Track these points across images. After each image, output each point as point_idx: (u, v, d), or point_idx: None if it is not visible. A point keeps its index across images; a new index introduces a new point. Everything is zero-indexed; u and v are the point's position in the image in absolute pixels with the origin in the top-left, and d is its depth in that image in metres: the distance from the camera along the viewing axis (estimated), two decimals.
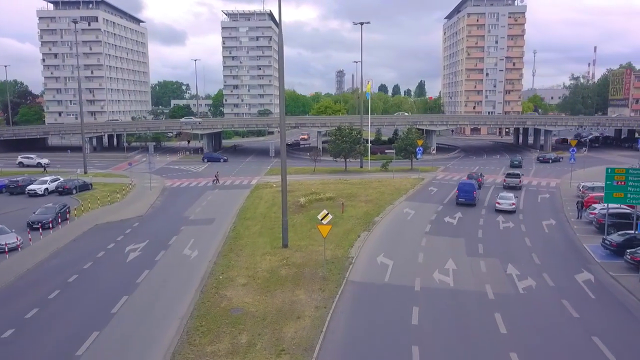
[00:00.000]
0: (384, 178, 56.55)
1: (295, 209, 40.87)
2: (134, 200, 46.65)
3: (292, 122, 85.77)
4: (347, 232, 33.23)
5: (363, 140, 62.53)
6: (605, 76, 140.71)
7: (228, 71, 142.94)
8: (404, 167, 64.45)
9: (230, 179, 58.39)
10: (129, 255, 29.46)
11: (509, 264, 27.40)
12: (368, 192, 47.75)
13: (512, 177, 51.74)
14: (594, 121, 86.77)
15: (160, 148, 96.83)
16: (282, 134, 30.20)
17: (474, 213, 40.23)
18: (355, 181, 54.58)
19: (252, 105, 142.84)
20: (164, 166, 71.19)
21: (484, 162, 73.82)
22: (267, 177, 60.23)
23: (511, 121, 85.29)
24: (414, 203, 43.60)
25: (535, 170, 64.69)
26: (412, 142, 60.98)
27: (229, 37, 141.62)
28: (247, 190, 51.05)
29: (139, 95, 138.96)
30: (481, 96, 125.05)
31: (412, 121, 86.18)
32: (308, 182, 54.57)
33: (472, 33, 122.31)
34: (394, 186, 51.09)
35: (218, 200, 46.74)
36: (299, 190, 49.00)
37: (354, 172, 62.26)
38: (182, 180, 58.94)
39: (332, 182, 54.39)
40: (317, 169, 63.45)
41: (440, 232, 34.18)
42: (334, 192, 46.97)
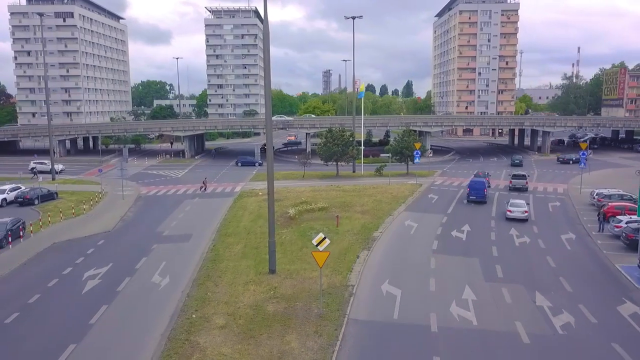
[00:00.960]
0: (379, 184, 52.31)
1: (284, 221, 36.38)
2: (102, 211, 41.72)
3: (280, 123, 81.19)
4: (344, 252, 28.83)
5: (355, 143, 58.27)
6: (598, 76, 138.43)
7: (212, 70, 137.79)
8: (400, 171, 60.29)
9: (212, 186, 53.62)
10: (86, 284, 24.70)
11: (536, 292, 23.25)
12: (363, 200, 43.44)
13: (519, 178, 49.76)
14: (594, 122, 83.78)
15: (139, 151, 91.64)
16: (268, 140, 25.66)
17: (483, 225, 36.14)
18: (349, 188, 50.24)
19: (237, 105, 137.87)
20: (142, 171, 66.15)
21: (482, 165, 69.99)
22: (252, 183, 55.60)
23: (508, 122, 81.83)
24: (416, 214, 39.38)
25: (539, 174, 60.99)
26: (408, 145, 56.86)
27: (212, 35, 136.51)
28: (230, 199, 46.38)
29: (118, 95, 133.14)
30: (473, 96, 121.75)
31: (405, 122, 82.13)
32: (297, 189, 50.10)
33: (464, 31, 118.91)
34: (391, 193, 46.86)
35: (197, 211, 42.03)
36: (288, 198, 44.53)
37: (346, 177, 57.94)
38: (159, 187, 54.03)
39: (324, 188, 49.98)
40: (307, 174, 59.01)
41: (450, 250, 29.98)
42: (326, 201, 42.59)
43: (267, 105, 25.32)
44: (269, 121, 25.67)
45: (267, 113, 25.33)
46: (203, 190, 50.95)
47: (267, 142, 25.07)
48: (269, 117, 25.61)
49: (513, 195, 45.53)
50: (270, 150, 24.94)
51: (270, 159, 24.89)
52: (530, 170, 64.32)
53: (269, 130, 26.28)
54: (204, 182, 51.93)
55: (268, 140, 25.52)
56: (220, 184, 54.99)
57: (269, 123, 25.86)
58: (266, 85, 25.10)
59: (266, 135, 22.62)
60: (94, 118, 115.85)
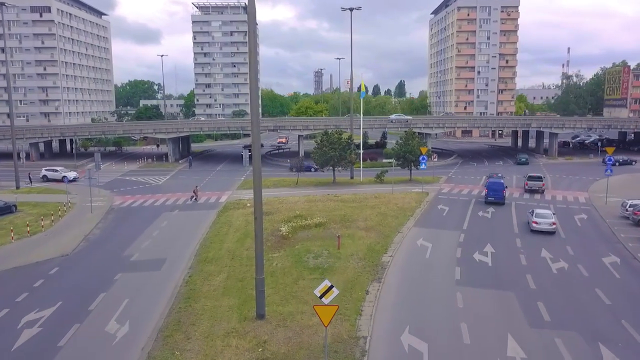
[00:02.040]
0: (381, 192, 47.05)
1: (275, 242, 30.97)
2: (64, 228, 36.00)
3: (270, 125, 75.74)
4: (350, 285, 23.49)
5: (354, 147, 52.97)
6: (598, 75, 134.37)
7: (200, 69, 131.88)
8: (402, 177, 55.04)
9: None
10: (20, 336, 19.17)
11: (599, 345, 18.11)
12: (366, 213, 38.13)
13: (535, 179, 47.96)
14: (605, 123, 79.27)
15: (120, 154, 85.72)
16: (254, 146, 20.03)
17: (507, 243, 31.03)
18: (348, 197, 44.91)
19: (226, 105, 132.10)
20: (119, 177, 60.37)
21: (488, 169, 64.97)
22: (240, 191, 50.08)
23: (514, 123, 77.11)
24: (428, 230, 34.14)
25: (553, 180, 56.03)
26: (412, 149, 51.62)
27: (200, 32, 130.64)
28: (213, 211, 40.83)
29: (101, 94, 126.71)
30: (472, 96, 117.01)
31: (405, 123, 77.01)
32: (290, 199, 44.68)
33: (463, 28, 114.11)
34: (396, 204, 41.61)
35: (175, 227, 36.44)
36: (279, 211, 39.12)
37: (344, 185, 52.62)
38: (135, 197, 48.33)
39: (320, 198, 44.61)
40: (301, 181, 53.60)
41: (477, 281, 24.76)
42: (324, 215, 37.24)
43: (254, 104, 19.93)
44: (256, 122, 20.22)
45: (253, 112, 19.92)
46: (194, 199, 45.52)
47: (253, 149, 19.38)
48: (256, 115, 20.19)
49: (534, 206, 40.48)
50: (258, 159, 19.30)
51: (257, 175, 19.30)
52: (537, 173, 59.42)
53: (255, 134, 20.80)
54: (195, 191, 46.41)
55: (254, 146, 19.79)
56: (204, 193, 49.39)
57: (255, 122, 20.41)
58: (251, 81, 19.74)
59: (252, 140, 17.22)
60: (74, 119, 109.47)
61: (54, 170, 57.86)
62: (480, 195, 46.93)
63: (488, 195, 42.29)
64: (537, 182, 47.66)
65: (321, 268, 25.80)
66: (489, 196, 42.22)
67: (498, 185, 42.77)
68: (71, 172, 56.90)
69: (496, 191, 42.07)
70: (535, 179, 48.12)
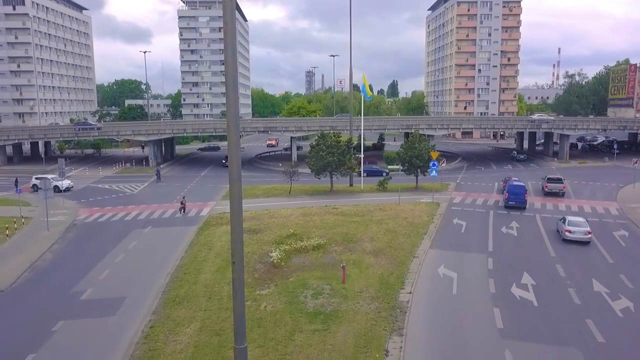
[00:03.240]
0: (386, 203, 41.32)
1: (264, 272, 25.09)
2: (9, 252, 29.81)
3: (260, 126, 69.80)
4: (363, 341, 17.68)
5: (354, 151, 47.19)
6: (601, 74, 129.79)
7: (186, 67, 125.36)
8: (407, 184, 49.27)
9: (172, 207, 42.04)
10: None
11: None
12: (372, 230, 32.36)
13: (555, 182, 45.43)
14: (620, 124, 74.26)
15: (98, 158, 79.35)
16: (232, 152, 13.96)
17: (548, 270, 25.42)
18: (349, 209, 39.10)
19: (214, 105, 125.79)
20: (90, 185, 54.13)
21: (498, 175, 59.50)
22: (225, 202, 44.04)
23: (523, 124, 71.89)
24: (448, 254, 28.44)
25: (573, 187, 50.59)
26: (420, 154, 45.97)
27: (187, 28, 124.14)
28: (192, 228, 34.83)
29: (81, 93, 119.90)
30: (473, 95, 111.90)
31: (406, 124, 71.67)
32: (282, 212, 38.77)
33: (463, 24, 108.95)
34: (405, 219, 35.86)
35: (145, 250, 30.42)
36: (270, 228, 33.24)
37: (343, 194, 46.83)
38: (105, 209, 42.18)
39: (317, 211, 38.76)
40: (294, 189, 47.69)
41: (526, 330, 19.06)
42: (323, 232, 31.46)
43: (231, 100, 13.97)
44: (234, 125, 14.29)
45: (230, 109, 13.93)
46: (182, 212, 39.62)
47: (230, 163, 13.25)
48: (234, 117, 14.26)
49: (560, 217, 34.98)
50: (236, 182, 13.23)
51: (236, 206, 13.21)
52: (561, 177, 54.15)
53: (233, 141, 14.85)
54: (182, 202, 40.43)
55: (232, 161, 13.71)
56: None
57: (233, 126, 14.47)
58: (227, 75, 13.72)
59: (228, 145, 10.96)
60: (52, 119, 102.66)
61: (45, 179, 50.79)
62: (498, 206, 41.58)
63: (509, 200, 39.34)
64: (557, 185, 45.04)
65: (323, 313, 19.99)
66: (509, 200, 39.28)
67: (520, 189, 39.72)
68: (65, 180, 48.79)
69: (517, 195, 39.14)
70: (555, 181, 45.50)
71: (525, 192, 39.96)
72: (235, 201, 12.57)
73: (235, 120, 11.69)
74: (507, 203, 39.66)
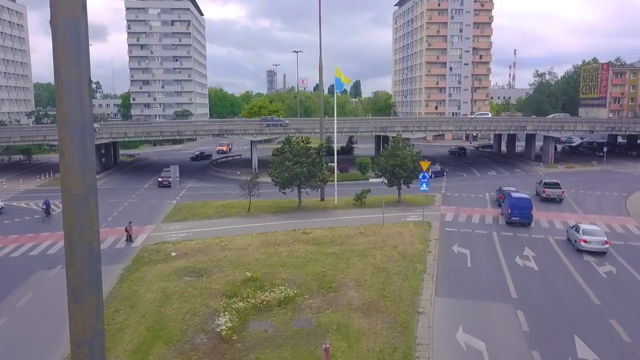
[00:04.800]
0: (367, 224, 33.76)
1: (207, 351, 16.90)
2: None
3: (215, 129, 61.10)
4: None
5: (326, 159, 39.36)
6: (571, 73, 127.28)
7: (135, 63, 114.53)
8: (388, 196, 41.94)
9: (104, 234, 33.03)
10: None
11: None
12: (356, 268, 24.68)
13: (553, 187, 42.56)
14: (608, 125, 69.50)
15: (27, 165, 68.58)
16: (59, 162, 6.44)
17: (598, 323, 18.37)
18: (323, 234, 31.27)
19: (167, 105, 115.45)
20: (4, 203, 43.99)
21: (485, 182, 53.21)
22: (167, 225, 35.47)
23: (507, 125, 66.09)
24: (462, 305, 21.10)
25: (572, 197, 44.51)
26: (404, 163, 38.66)
27: (135, 21, 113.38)
28: (116, 268, 26.08)
29: (14, 92, 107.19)
30: (444, 94, 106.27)
31: (379, 126, 64.64)
32: (238, 240, 30.55)
33: (433, 19, 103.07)
34: (394, 247, 28.39)
35: (41, 307, 21.58)
36: (221, 267, 25.05)
37: (314, 211, 38.95)
38: (7, 238, 32.73)
39: (283, 238, 30.75)
40: (255, 206, 39.42)
41: None
42: (292, 274, 23.62)
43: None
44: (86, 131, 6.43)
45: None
46: (128, 241, 30.84)
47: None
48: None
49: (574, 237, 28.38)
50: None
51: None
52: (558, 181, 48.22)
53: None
54: (128, 229, 31.50)
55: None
56: (115, 228, 34.51)
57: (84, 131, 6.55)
58: None
59: None
60: None
61: None
62: (499, 224, 35.04)
63: (512, 215, 34.10)
64: (555, 190, 42.22)
65: None
66: (513, 216, 34.08)
67: (524, 203, 34.59)
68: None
69: (523, 209, 34.09)
70: (552, 185, 42.72)
71: (531, 206, 34.67)
72: None
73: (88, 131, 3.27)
74: (510, 218, 34.30)
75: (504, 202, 37.61)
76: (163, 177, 52.49)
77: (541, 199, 42.13)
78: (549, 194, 42.21)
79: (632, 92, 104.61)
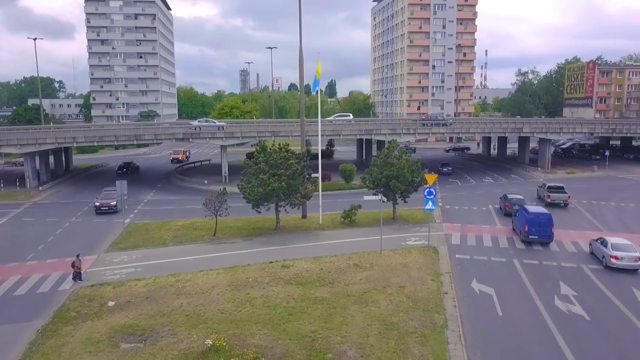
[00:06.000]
0: (361, 251, 27.50)
1: None
2: None
3: (179, 132, 53.88)
4: None
5: (308, 170, 32.79)
6: (553, 72, 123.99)
7: (96, 60, 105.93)
8: (378, 212, 35.87)
9: (38, 269, 25.89)
10: None
11: None
12: (356, 324, 18.41)
13: (558, 191, 40.52)
14: (609, 127, 64.96)
15: None
16: None
17: None
18: (308, 268, 24.80)
19: (131, 105, 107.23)
20: None
21: (483, 192, 47.78)
22: (113, 256, 28.37)
23: (502, 127, 60.90)
24: None
25: (586, 210, 39.21)
26: (401, 174, 32.52)
27: (95, 14, 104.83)
28: (30, 327, 19.09)
29: None
30: (427, 94, 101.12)
31: (364, 129, 58.54)
32: (199, 279, 23.79)
33: (415, 15, 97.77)
34: (400, 287, 22.25)
35: None
36: (173, 327, 18.37)
37: (295, 232, 32.38)
38: None
39: (256, 275, 24.13)
40: (222, 226, 32.61)
41: None
42: (269, 337, 17.24)
43: None
44: None
45: None
46: (76, 278, 23.73)
47: None
48: None
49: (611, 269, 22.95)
50: None
51: None
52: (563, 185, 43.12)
53: None
54: (76, 265, 24.15)
55: None
56: (43, 261, 27.29)
57: None
58: None
59: None
60: None
61: None
62: (516, 247, 29.40)
63: (530, 233, 29.82)
64: (561, 195, 40.10)
65: None
66: (531, 234, 29.81)
67: (544, 219, 29.84)
68: None
69: (541, 226, 29.64)
70: (557, 190, 40.71)
71: (552, 222, 29.89)
72: None
73: None
74: (527, 237, 29.92)
75: (516, 216, 32.96)
76: (102, 200, 39.04)
77: (546, 204, 38.66)
78: (554, 198, 39.88)
79: (618, 92, 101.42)
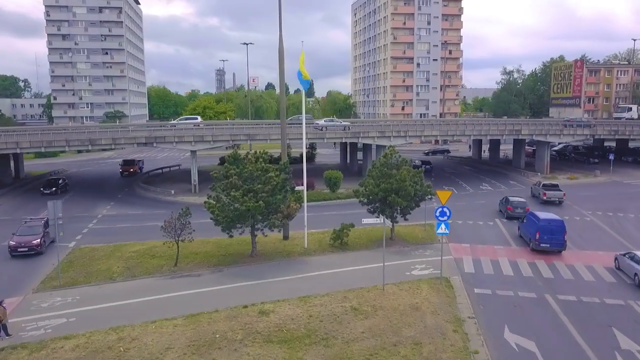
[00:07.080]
0: (359, 286, 22.07)
1: None
2: None
3: (141, 136, 47.53)
4: None
5: (291, 183, 27.18)
6: (538, 71, 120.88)
7: (56, 56, 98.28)
8: (373, 230, 30.53)
9: None
10: None
11: None
12: None
13: (553, 189, 41.67)
14: (611, 129, 61.09)
15: None
16: None
17: None
18: (293, 315, 19.26)
19: (96, 105, 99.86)
20: None
21: (484, 202, 43.05)
22: (42, 298, 22.21)
23: (499, 129, 56.31)
24: None
25: (603, 222, 34.63)
26: (402, 187, 27.23)
27: (55, 7, 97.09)
28: None
29: None
30: (411, 93, 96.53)
31: (352, 132, 53.15)
32: (150, 333, 17.96)
33: (399, 10, 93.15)
34: (414, 342, 17.06)
35: None
36: None
37: (274, 260, 26.69)
38: None
39: (226, 327, 18.45)
40: (186, 253, 26.76)
41: None
42: None
43: None
44: None
45: None
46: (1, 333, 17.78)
47: None
48: None
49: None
50: None
51: None
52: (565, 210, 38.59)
53: None
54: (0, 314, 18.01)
55: None
56: None
57: None
58: None
59: None
60: None
61: None
62: (542, 276, 24.37)
63: (541, 241, 28.27)
64: (556, 192, 41.29)
65: None
66: (542, 242, 28.28)
67: (556, 225, 28.31)
68: None
69: (554, 234, 28.03)
70: (552, 187, 41.95)
71: (564, 230, 28.32)
72: None
73: None
74: (538, 245, 28.39)
75: (523, 222, 31.02)
76: (20, 237, 28.22)
77: (541, 202, 40.96)
78: (549, 196, 41.02)
79: (607, 92, 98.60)
